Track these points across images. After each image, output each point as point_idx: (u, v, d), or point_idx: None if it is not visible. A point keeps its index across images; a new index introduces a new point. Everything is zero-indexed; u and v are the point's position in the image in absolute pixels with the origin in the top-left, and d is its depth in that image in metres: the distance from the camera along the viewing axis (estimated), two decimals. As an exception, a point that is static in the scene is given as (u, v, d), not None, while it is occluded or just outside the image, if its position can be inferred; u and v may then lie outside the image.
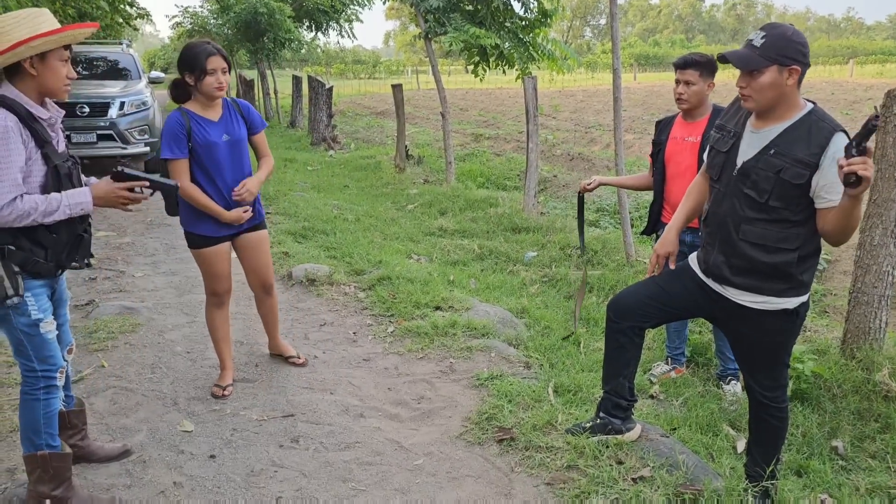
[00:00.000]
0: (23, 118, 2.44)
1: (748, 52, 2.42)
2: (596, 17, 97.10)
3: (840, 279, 6.55)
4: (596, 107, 23.96)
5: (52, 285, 2.68)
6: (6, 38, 2.38)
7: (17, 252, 2.47)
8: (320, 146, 13.95)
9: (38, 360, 2.58)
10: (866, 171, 2.09)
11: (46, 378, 2.61)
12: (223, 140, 3.43)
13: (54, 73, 2.49)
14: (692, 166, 3.78)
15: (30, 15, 2.44)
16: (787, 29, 2.42)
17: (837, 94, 22.09)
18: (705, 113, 3.86)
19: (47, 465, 2.64)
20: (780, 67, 2.38)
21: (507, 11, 10.31)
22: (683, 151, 3.86)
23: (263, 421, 3.39)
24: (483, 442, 3.17)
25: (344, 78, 53.77)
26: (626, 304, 2.93)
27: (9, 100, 2.44)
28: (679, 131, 3.92)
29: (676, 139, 3.91)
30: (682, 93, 3.78)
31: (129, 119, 9.61)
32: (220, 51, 3.35)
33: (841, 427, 3.74)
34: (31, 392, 2.61)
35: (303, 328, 4.60)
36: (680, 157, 3.88)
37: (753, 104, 2.48)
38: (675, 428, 3.48)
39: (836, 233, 2.40)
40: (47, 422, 2.64)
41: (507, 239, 7.03)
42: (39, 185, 2.50)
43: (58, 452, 2.67)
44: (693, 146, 3.82)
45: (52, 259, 2.56)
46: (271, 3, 17.50)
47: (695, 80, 3.76)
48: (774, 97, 2.43)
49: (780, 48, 2.37)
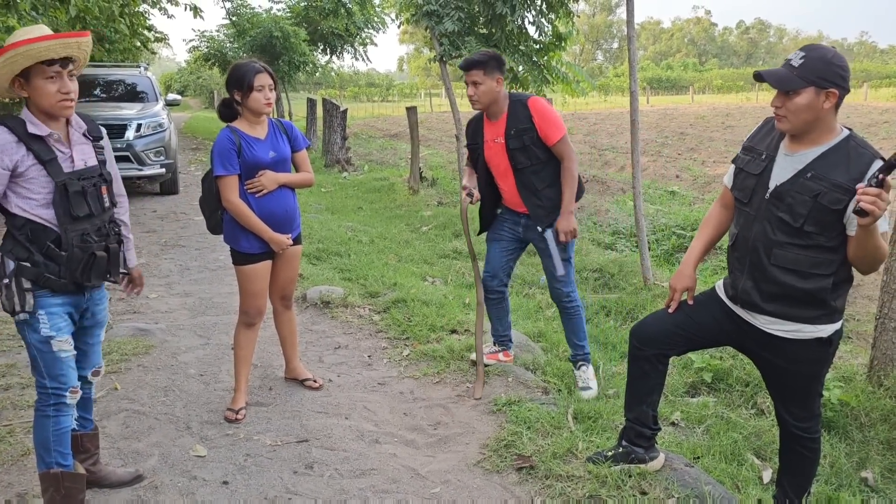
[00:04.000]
0: (20, 136, 2.45)
1: (786, 71, 2.37)
2: (608, 41, 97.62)
3: (863, 304, 6.43)
4: (609, 129, 23.95)
5: (75, 304, 2.65)
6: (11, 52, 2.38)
7: (31, 268, 2.48)
8: (334, 168, 13.98)
9: (48, 377, 2.57)
10: (873, 206, 2.11)
11: (56, 396, 2.59)
12: (270, 157, 3.46)
13: (42, 91, 2.45)
14: (508, 167, 3.81)
15: (34, 31, 2.42)
16: (829, 52, 2.36)
17: (853, 118, 21.97)
18: (503, 110, 3.81)
19: (59, 485, 2.61)
20: (817, 90, 2.32)
21: (522, 35, 10.35)
22: (498, 154, 3.84)
23: (277, 446, 3.33)
24: (502, 470, 3.09)
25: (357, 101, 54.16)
26: (650, 331, 2.85)
27: (11, 120, 2.46)
28: (490, 133, 3.89)
29: (489, 142, 3.89)
30: (473, 94, 3.76)
31: (145, 141, 9.66)
32: (266, 68, 3.42)
33: (870, 457, 3.62)
34: (41, 409, 2.61)
35: (317, 351, 4.55)
36: (497, 160, 3.87)
37: (788, 125, 2.41)
38: (698, 457, 3.38)
39: (856, 260, 2.38)
40: (56, 440, 2.61)
41: (522, 262, 6.96)
42: (45, 201, 2.50)
43: (70, 472, 2.65)
44: (502, 147, 3.80)
45: (66, 276, 2.54)
46: (286, 27, 17.73)
47: (480, 79, 3.73)
48: (809, 120, 2.37)
49: (820, 70, 2.31)
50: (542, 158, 3.76)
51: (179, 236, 7.92)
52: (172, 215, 9.13)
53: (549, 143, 3.74)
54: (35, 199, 2.49)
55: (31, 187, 2.48)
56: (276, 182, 3.49)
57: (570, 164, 3.77)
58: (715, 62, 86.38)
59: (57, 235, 2.53)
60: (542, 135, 3.72)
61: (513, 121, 3.76)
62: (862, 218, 2.17)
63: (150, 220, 8.78)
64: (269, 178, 3.46)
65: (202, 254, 7.12)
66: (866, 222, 2.18)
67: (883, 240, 2.32)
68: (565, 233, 3.76)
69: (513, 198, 3.91)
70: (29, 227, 2.50)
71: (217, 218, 3.54)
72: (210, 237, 7.20)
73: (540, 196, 3.79)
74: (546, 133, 3.72)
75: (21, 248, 2.47)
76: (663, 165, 15.51)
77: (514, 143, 3.73)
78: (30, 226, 2.50)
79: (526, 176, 3.78)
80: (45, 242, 2.51)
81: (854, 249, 2.35)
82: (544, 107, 3.77)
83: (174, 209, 9.55)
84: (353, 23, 19.12)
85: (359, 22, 19.21)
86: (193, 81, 49.75)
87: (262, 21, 18.36)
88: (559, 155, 3.77)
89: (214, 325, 5.02)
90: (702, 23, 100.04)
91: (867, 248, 2.30)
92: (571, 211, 3.76)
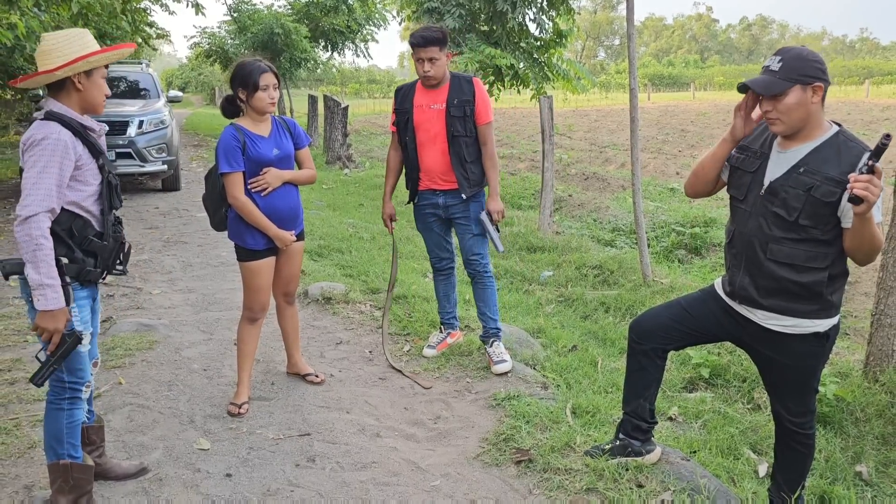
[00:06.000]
0: (76, 131, 2.54)
1: (768, 77, 2.43)
2: (610, 38, 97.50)
3: (861, 300, 6.47)
4: (610, 126, 23.98)
5: (93, 296, 2.74)
6: (61, 54, 2.50)
7: (72, 265, 2.57)
8: (335, 165, 14.01)
9: (67, 371, 2.63)
10: (866, 191, 2.14)
11: (72, 390, 2.66)
12: (274, 154, 3.51)
13: (99, 88, 2.62)
14: (441, 132, 3.96)
15: (78, 34, 2.56)
16: (803, 50, 2.45)
17: (854, 115, 22.00)
18: (445, 81, 3.98)
19: (68, 476, 2.67)
20: (803, 87, 2.38)
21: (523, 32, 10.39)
22: (431, 119, 3.98)
23: (280, 440, 3.37)
24: (501, 463, 3.14)
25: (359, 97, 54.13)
26: (648, 325, 2.89)
27: (58, 114, 2.53)
28: (423, 99, 4.02)
29: (422, 107, 4.01)
30: (429, 70, 3.89)
31: (147, 137, 9.70)
32: (271, 68, 3.48)
33: (865, 452, 3.67)
34: (56, 402, 2.66)
35: (319, 346, 4.60)
36: (429, 125, 3.99)
37: (782, 127, 2.46)
38: (694, 451, 3.43)
39: (854, 250, 2.42)
40: (70, 432, 2.68)
41: (523, 258, 7.02)
42: (95, 193, 2.62)
43: (79, 463, 2.71)
44: (440, 113, 3.95)
45: (101, 265, 2.67)
46: (288, 23, 17.73)
47: (437, 55, 3.88)
48: (802, 117, 2.42)
49: (800, 68, 2.39)
50: (472, 133, 3.99)
51: (182, 233, 7.96)
52: (174, 212, 9.18)
53: (480, 121, 3.98)
54: (85, 191, 2.58)
55: (85, 180, 2.58)
56: (280, 179, 3.53)
57: (492, 149, 4.05)
58: (717, 59, 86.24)
59: (98, 229, 2.65)
60: (478, 111, 3.96)
61: (456, 91, 3.96)
62: (857, 206, 2.20)
63: (153, 217, 8.83)
64: (274, 176, 3.51)
65: (204, 250, 7.16)
66: (861, 209, 2.21)
67: (878, 229, 2.36)
68: (497, 212, 4.04)
69: (435, 168, 4.05)
70: (72, 222, 2.57)
71: (221, 215, 3.58)
72: (212, 233, 7.24)
73: (466, 168, 4.00)
74: (481, 111, 3.97)
75: (63, 244, 2.54)
76: (664, 162, 15.53)
77: (456, 111, 3.94)
78: (73, 221, 2.58)
79: (458, 144, 3.97)
80: (88, 237, 2.61)
81: (850, 240, 2.39)
82: (484, 90, 4.06)
83: (176, 206, 9.59)
84: (355, 19, 19.14)
85: (360, 18, 19.23)
86: (195, 78, 49.78)
87: (263, 18, 18.36)
88: (483, 137, 4.01)
89: (217, 320, 5.07)
90: (703, 19, 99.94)
91: (864, 238, 2.33)
92: (498, 192, 4.05)
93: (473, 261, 4.16)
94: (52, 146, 2.45)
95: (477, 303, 4.28)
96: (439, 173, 4.05)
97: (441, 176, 4.05)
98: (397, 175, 4.32)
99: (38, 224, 2.41)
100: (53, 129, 2.48)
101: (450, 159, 3.99)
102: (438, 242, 4.28)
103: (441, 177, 4.05)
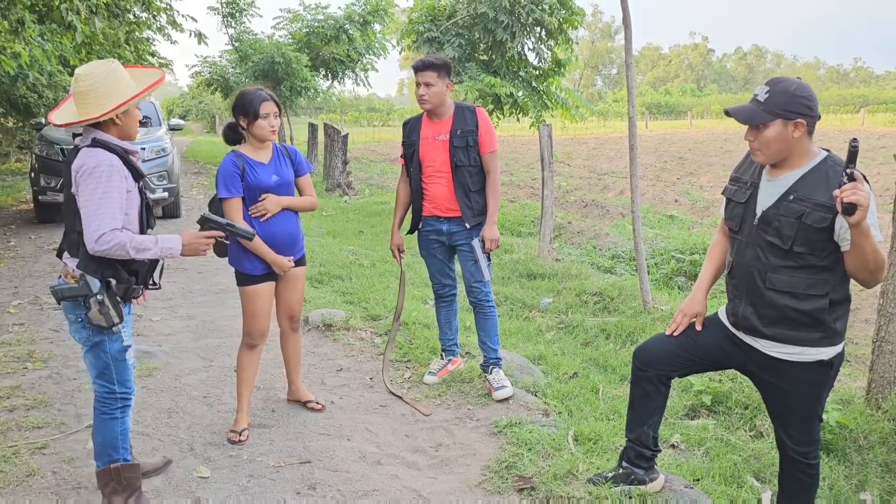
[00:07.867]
0: (121, 156, 2.67)
1: (752, 107, 2.47)
2: (608, 67, 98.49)
3: (861, 327, 6.47)
4: (608, 154, 24.12)
5: (129, 311, 2.88)
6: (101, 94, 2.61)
7: (120, 285, 2.70)
8: (335, 192, 14.07)
9: (119, 383, 2.82)
10: (854, 195, 2.14)
11: (124, 399, 2.85)
12: (273, 181, 3.55)
13: (134, 119, 2.79)
14: (446, 163, 4.02)
15: (113, 72, 2.67)
16: (791, 84, 2.44)
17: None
18: (449, 112, 4.04)
19: (120, 477, 2.85)
20: (784, 121, 2.41)
21: (522, 61, 10.50)
22: (436, 150, 4.04)
23: (280, 467, 3.35)
24: (503, 491, 3.12)
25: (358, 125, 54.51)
26: (653, 352, 2.89)
27: (103, 141, 2.66)
28: (428, 131, 4.09)
29: (428, 139, 4.08)
30: (424, 94, 3.96)
31: (148, 165, 9.75)
32: (272, 96, 3.53)
33: (869, 480, 3.64)
34: (109, 412, 2.83)
35: (319, 373, 4.58)
36: (434, 155, 4.06)
37: (763, 157, 2.51)
38: (698, 479, 3.40)
39: (858, 269, 2.39)
40: (123, 437, 2.87)
41: (523, 285, 7.01)
42: (138, 215, 2.76)
43: (129, 463, 2.88)
44: (444, 144, 4.01)
45: (141, 282, 2.80)
46: (288, 52, 17.91)
47: (433, 80, 3.94)
48: (782, 150, 2.46)
49: (783, 104, 2.41)
50: (476, 163, 4.03)
51: (182, 259, 7.95)
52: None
53: (484, 150, 4.02)
54: (132, 213, 2.72)
55: (130, 203, 2.71)
56: (279, 205, 3.55)
57: (496, 178, 4.08)
58: (714, 87, 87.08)
59: None
60: (481, 141, 4.01)
61: (459, 122, 4.02)
62: (851, 216, 2.18)
63: (153, 244, 8.82)
64: (272, 202, 3.53)
65: (204, 277, 7.17)
66: (857, 218, 2.18)
67: (878, 245, 2.35)
68: (490, 240, 4.05)
69: (440, 197, 4.09)
70: None
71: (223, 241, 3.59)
72: (212, 260, 7.23)
73: (470, 198, 4.05)
74: (484, 141, 4.02)
75: (110, 267, 2.67)
76: (662, 190, 15.61)
77: (459, 142, 3.98)
78: None
79: (462, 174, 4.01)
80: None
81: (852, 260, 2.37)
82: (488, 119, 4.12)
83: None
84: (355, 49, 19.32)
85: (360, 48, 19.42)
86: (195, 106, 50.13)
87: (264, 47, 18.57)
88: (487, 166, 4.05)
89: (217, 347, 5.06)
90: (699, 48, 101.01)
91: (866, 254, 2.31)
92: (495, 221, 4.07)
93: (475, 289, 4.17)
94: (108, 172, 2.58)
95: (478, 332, 4.28)
96: (444, 202, 4.09)
97: (446, 204, 4.09)
98: (406, 208, 4.34)
99: (114, 234, 2.56)
100: (104, 156, 2.61)
101: (454, 189, 4.02)
102: (441, 269, 4.31)
103: (446, 205, 4.09)
